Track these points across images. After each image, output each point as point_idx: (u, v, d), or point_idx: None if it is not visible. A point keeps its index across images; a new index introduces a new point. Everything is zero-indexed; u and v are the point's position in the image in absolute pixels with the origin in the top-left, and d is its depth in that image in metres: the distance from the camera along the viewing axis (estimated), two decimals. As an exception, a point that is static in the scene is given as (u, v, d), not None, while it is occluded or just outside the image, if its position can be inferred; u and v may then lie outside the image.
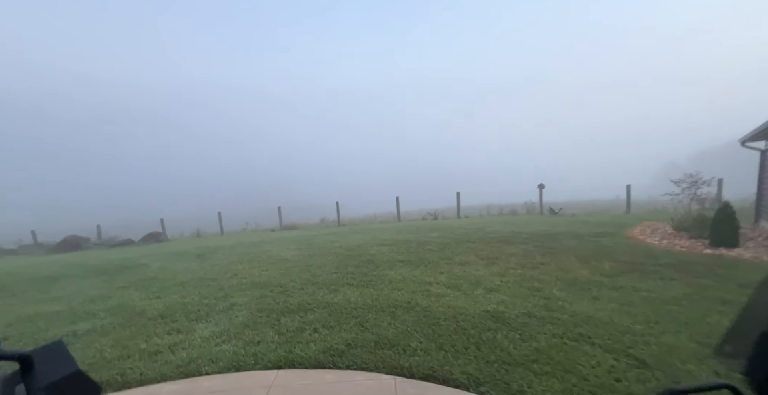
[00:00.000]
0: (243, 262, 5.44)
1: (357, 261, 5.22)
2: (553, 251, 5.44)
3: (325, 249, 6.43)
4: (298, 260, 5.38)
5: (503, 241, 6.62)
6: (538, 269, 4.37)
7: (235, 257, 6.01)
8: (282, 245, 7.37)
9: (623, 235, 7.01)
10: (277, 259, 5.56)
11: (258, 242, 8.36)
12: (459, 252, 5.68)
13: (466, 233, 7.96)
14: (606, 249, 5.44)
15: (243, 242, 8.54)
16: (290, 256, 5.79)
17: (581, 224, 8.92)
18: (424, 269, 4.65)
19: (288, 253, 6.13)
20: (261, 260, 5.54)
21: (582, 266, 4.41)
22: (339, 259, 5.42)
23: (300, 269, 4.80)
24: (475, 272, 4.34)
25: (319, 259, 5.48)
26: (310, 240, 8.07)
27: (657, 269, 4.05)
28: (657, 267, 4.16)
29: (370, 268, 4.76)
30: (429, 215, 15.09)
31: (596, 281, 3.69)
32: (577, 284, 3.63)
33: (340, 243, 7.22)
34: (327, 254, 5.94)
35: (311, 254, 5.95)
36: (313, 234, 9.63)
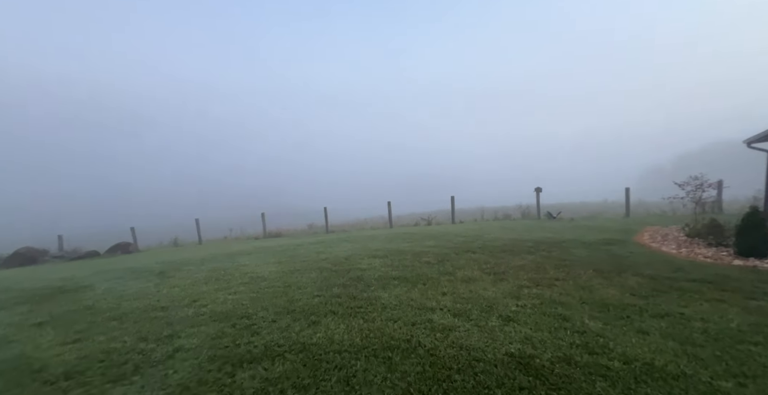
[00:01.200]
0: (209, 282, 4.62)
1: (344, 279, 4.49)
2: (565, 263, 4.85)
3: (308, 263, 5.66)
4: (276, 279, 4.60)
5: (507, 251, 6.01)
6: (555, 287, 3.75)
7: (202, 274, 5.17)
8: (261, 257, 6.55)
9: (633, 242, 6.52)
10: (251, 277, 4.76)
11: (235, 253, 7.50)
12: (460, 265, 5.03)
13: (464, 241, 7.33)
14: (623, 260, 4.89)
15: (218, 254, 7.66)
16: (267, 273, 5.00)
17: (584, 230, 8.44)
18: (423, 288, 3.96)
19: (265, 269, 5.33)
20: (231, 279, 4.73)
21: (605, 282, 3.82)
22: (324, 276, 4.68)
23: (276, 291, 4.03)
24: (483, 292, 3.68)
25: (301, 276, 4.72)
26: (294, 251, 7.27)
27: (694, 287, 3.48)
28: (692, 284, 3.60)
29: (360, 288, 4.04)
30: (422, 220, 14.46)
31: (631, 304, 3.07)
32: (609, 308, 3.00)
33: (326, 255, 6.46)
34: (310, 269, 5.18)
35: (292, 269, 5.17)
36: (298, 243, 8.82)
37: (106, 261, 8.92)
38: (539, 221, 11.25)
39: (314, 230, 16.04)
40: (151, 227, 27.05)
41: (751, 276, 3.84)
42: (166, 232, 17.04)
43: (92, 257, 10.45)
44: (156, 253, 10.39)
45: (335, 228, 16.06)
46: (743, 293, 3.25)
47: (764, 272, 4.02)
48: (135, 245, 12.12)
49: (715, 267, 4.28)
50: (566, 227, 9.45)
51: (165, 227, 20.58)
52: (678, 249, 5.42)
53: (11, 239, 15.91)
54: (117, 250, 10.95)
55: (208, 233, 19.74)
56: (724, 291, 3.31)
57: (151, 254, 10.30)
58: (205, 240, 16.16)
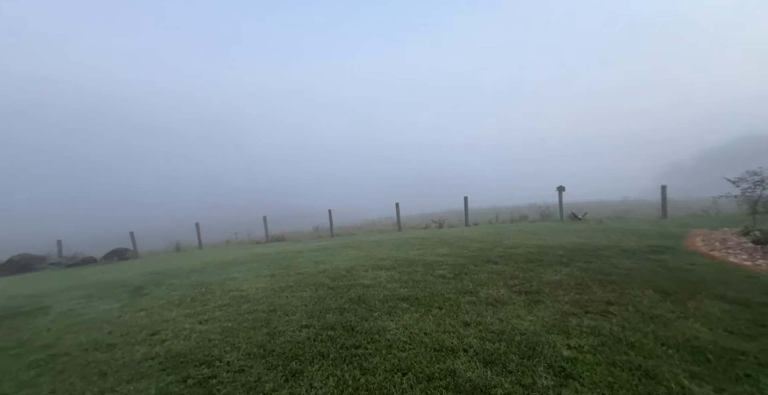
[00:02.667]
0: (184, 303, 3.92)
1: (343, 300, 3.72)
2: (611, 279, 3.95)
3: (304, 277, 4.92)
4: (261, 299, 3.87)
5: (534, 261, 5.13)
6: (611, 315, 2.88)
7: (180, 292, 4.49)
8: (253, 269, 5.86)
9: (686, 250, 5.53)
10: (233, 297, 4.05)
11: (228, 263, 6.84)
12: (482, 281, 4.19)
13: (482, 248, 6.46)
14: (687, 275, 3.95)
15: (210, 263, 7.03)
16: (254, 290, 4.28)
17: (619, 234, 7.44)
18: (440, 314, 3.16)
19: (253, 284, 4.62)
20: (210, 299, 4.02)
21: (677, 310, 2.92)
22: (319, 296, 3.92)
23: (257, 318, 3.29)
24: (517, 323, 2.85)
25: (292, 296, 3.97)
26: (291, 260, 6.56)
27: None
28: (806, 315, 2.68)
29: (360, 314, 3.26)
30: (433, 222, 13.59)
31: (737, 350, 2.19)
32: (708, 357, 2.13)
33: (326, 265, 5.71)
34: (305, 285, 4.43)
35: (284, 285, 4.44)
36: (298, 250, 8.12)
37: (95, 271, 8.43)
38: (563, 224, 10.24)
39: (319, 234, 15.38)
40: (157, 230, 27.07)
41: None
42: (172, 235, 16.71)
43: (88, 263, 10.03)
44: (150, 261, 9.89)
45: (341, 231, 15.37)
46: None
47: None
48: (134, 251, 11.71)
49: (820, 288, 3.31)
50: (595, 230, 8.44)
51: (171, 230, 20.38)
52: (752, 260, 4.43)
53: (12, 245, 15.88)
54: (113, 256, 10.52)
55: (214, 236, 19.40)
56: None
57: (145, 261, 9.81)
58: (207, 244, 15.74)
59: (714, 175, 9.94)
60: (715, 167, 52.28)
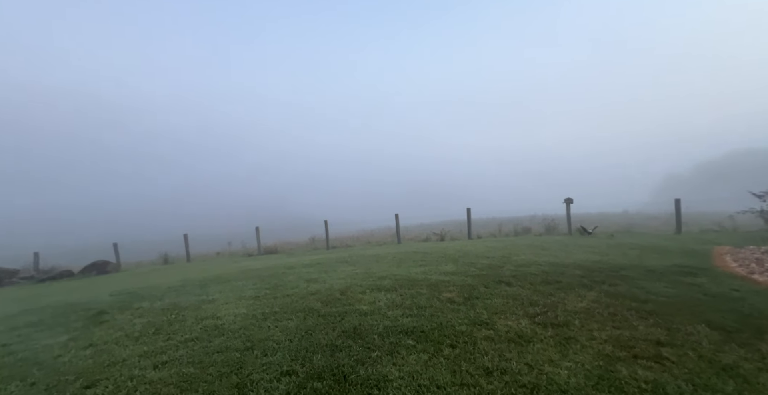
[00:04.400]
0: (143, 336, 3.29)
1: (335, 333, 3.12)
2: (648, 309, 3.39)
3: (292, 300, 4.31)
4: (238, 331, 3.25)
5: (552, 282, 4.56)
6: (669, 363, 2.31)
7: (145, 319, 3.85)
8: (237, 288, 5.23)
9: (716, 270, 5.00)
10: (205, 327, 3.43)
11: (211, 280, 6.20)
12: (497, 308, 3.61)
13: (491, 265, 5.89)
14: (737, 306, 3.40)
15: (192, 280, 6.38)
16: (232, 318, 3.66)
17: (636, 251, 6.91)
18: (453, 356, 2.57)
19: (233, 309, 3.99)
20: (178, 330, 3.40)
21: (751, 357, 2.36)
22: (307, 326, 3.31)
23: (228, 360, 2.68)
24: (552, 371, 2.27)
25: (276, 326, 3.36)
26: (281, 278, 5.93)
27: None
28: None
29: (356, 354, 2.66)
30: (434, 234, 13.00)
31: None
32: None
33: (318, 285, 5.10)
34: (292, 311, 3.82)
35: (267, 312, 3.82)
36: (291, 265, 7.49)
37: (65, 287, 7.71)
38: (572, 238, 9.70)
39: (315, 245, 14.71)
40: (150, 239, 26.18)
41: None
42: (165, 245, 15.96)
43: (64, 277, 9.30)
44: (130, 276, 9.18)
45: (337, 243, 14.71)
46: None
47: None
48: (116, 264, 10.98)
49: None
50: (609, 245, 7.91)
51: (165, 239, 19.62)
52: (804, 286, 3.88)
53: None
54: (92, 270, 9.80)
55: (207, 246, 18.64)
56: None
57: (124, 276, 9.10)
58: (197, 256, 15.02)
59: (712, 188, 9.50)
60: (711, 180, 52.61)
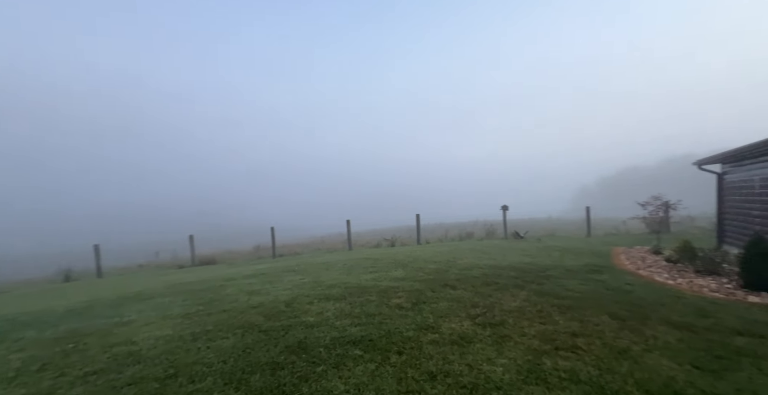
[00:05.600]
0: (23, 375, 2.63)
1: (278, 349, 2.91)
2: (567, 304, 3.88)
3: (230, 316, 3.91)
4: (160, 357, 2.82)
5: (491, 284, 4.96)
6: (582, 352, 2.66)
7: (28, 353, 3.09)
8: (161, 306, 4.57)
9: (618, 268, 5.98)
10: (115, 356, 2.90)
11: (128, 298, 5.31)
12: (442, 311, 3.78)
13: (437, 270, 6.17)
14: (630, 298, 4.09)
15: (100, 300, 5.39)
16: (152, 342, 3.17)
17: (558, 253, 7.91)
18: (400, 363, 2.59)
19: (155, 331, 3.46)
20: (75, 363, 2.81)
21: (639, 340, 2.85)
22: (246, 344, 3.03)
23: (142, 394, 2.29)
24: (489, 370, 2.44)
25: (208, 347, 3.00)
26: (218, 291, 5.37)
27: (754, 348, 2.65)
28: (744, 340, 2.80)
29: (300, 370, 2.51)
30: (385, 240, 13.16)
31: (713, 394, 2.06)
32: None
33: (261, 297, 4.74)
34: (229, 328, 3.47)
35: (198, 331, 3.40)
36: (230, 276, 6.83)
37: None
38: (508, 242, 10.72)
39: (260, 254, 13.70)
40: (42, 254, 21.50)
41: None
42: (65, 259, 13.15)
43: None
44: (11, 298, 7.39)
45: (285, 250, 13.94)
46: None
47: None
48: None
49: (738, 307, 3.65)
50: (538, 248, 8.92)
51: (62, 254, 16.23)
52: (674, 279, 4.87)
53: None
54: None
55: (127, 259, 15.95)
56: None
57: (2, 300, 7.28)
58: (113, 270, 12.77)
59: (611, 198, 11.70)
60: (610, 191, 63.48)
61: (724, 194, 7.51)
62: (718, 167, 7.64)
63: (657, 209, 7.94)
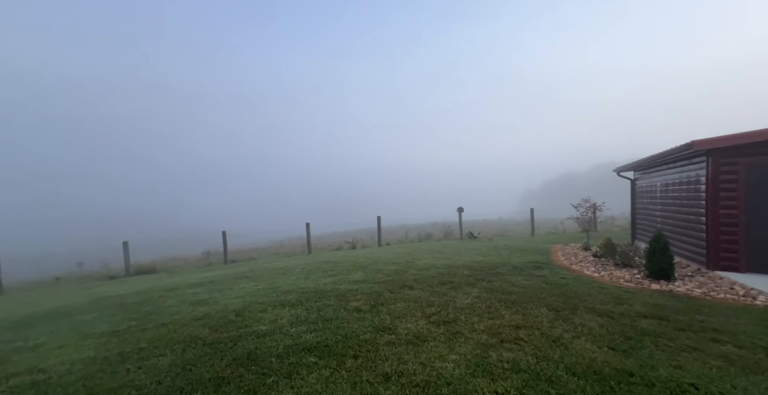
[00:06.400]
0: None
1: (224, 362, 2.70)
2: (513, 299, 4.22)
3: (170, 330, 3.54)
4: (73, 385, 2.45)
5: (446, 283, 5.18)
6: (524, 343, 2.91)
7: None
8: (81, 324, 3.96)
9: (556, 264, 6.64)
10: (13, 389, 2.44)
11: (38, 317, 4.53)
12: (399, 312, 3.85)
13: (396, 271, 6.28)
14: (564, 290, 4.58)
15: (4, 319, 4.51)
16: (67, 367, 2.73)
17: (507, 252, 8.56)
18: (355, 367, 2.58)
19: (71, 356, 2.99)
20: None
21: (569, 328, 3.20)
22: (186, 360, 2.77)
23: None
24: (441, 366, 2.54)
25: (139, 367, 2.68)
26: (156, 304, 4.83)
27: (656, 329, 3.14)
28: (649, 323, 3.29)
29: (247, 384, 2.37)
30: (346, 243, 13.02)
31: (623, 370, 2.39)
32: (608, 382, 2.24)
33: (207, 307, 4.38)
34: (168, 343, 3.14)
35: (128, 350, 3.02)
36: (173, 286, 6.20)
37: None
38: (463, 242, 11.31)
39: (210, 260, 12.64)
40: None
41: (680, 305, 3.85)
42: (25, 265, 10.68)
43: None
44: None
45: (240, 255, 13.05)
46: (705, 332, 3.02)
47: (683, 298, 4.16)
48: None
49: (644, 294, 4.28)
50: (489, 247, 9.55)
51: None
52: (598, 272, 5.56)
53: None
54: None
55: (40, 271, 13.51)
56: (683, 331, 3.04)
57: None
58: (20, 284, 10.79)
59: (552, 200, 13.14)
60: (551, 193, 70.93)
61: (636, 196, 8.81)
62: (631, 174, 8.95)
63: (587, 210, 8.99)
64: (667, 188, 6.96)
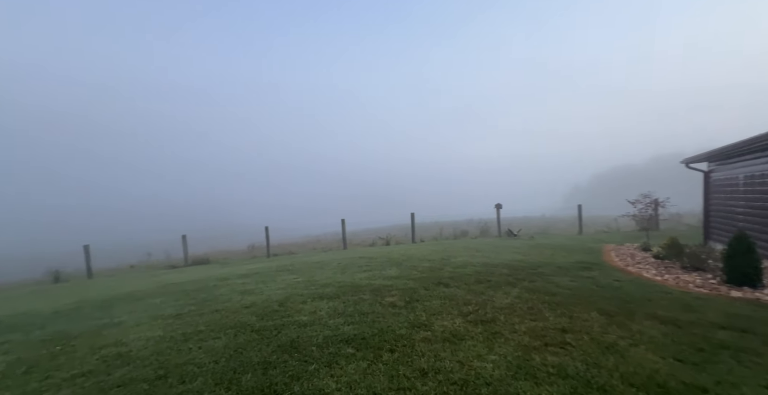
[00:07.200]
0: (5, 381, 2.60)
1: (270, 348, 2.91)
2: (557, 301, 3.95)
3: (223, 315, 3.90)
4: (150, 358, 2.80)
5: (484, 281, 5.00)
6: (570, 347, 2.71)
7: (14, 355, 3.05)
8: (153, 307, 4.52)
9: (607, 265, 6.08)
10: (104, 358, 2.87)
11: (118, 299, 5.25)
12: (436, 309, 3.81)
13: (431, 268, 6.21)
14: (618, 294, 4.18)
15: (88, 301, 5.31)
16: (142, 343, 3.14)
17: (550, 250, 8.02)
18: (392, 361, 2.61)
19: (145, 332, 3.43)
20: (62, 366, 2.77)
21: (625, 335, 2.92)
22: (238, 344, 3.02)
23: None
24: (480, 366, 2.47)
25: (199, 347, 2.99)
26: (210, 291, 5.33)
27: (736, 341, 2.74)
28: (726, 334, 2.88)
29: (291, 369, 2.52)
30: (380, 239, 13.18)
31: (694, 384, 2.12)
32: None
33: (254, 297, 4.72)
34: (221, 328, 3.46)
35: (190, 332, 3.38)
36: (224, 276, 6.79)
37: None
38: (501, 240, 10.83)
39: (254, 254, 13.63)
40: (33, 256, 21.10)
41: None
42: (56, 260, 12.88)
43: None
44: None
45: (280, 250, 13.88)
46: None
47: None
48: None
49: (721, 302, 3.75)
50: (530, 246, 9.03)
51: (54, 255, 15.92)
52: (661, 275, 4.98)
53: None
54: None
55: (118, 259, 15.72)
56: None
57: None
58: (104, 271, 12.57)
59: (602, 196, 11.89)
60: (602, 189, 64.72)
61: (710, 191, 7.68)
62: (704, 166, 7.80)
63: (646, 207, 8.06)
64: (752, 181, 5.97)
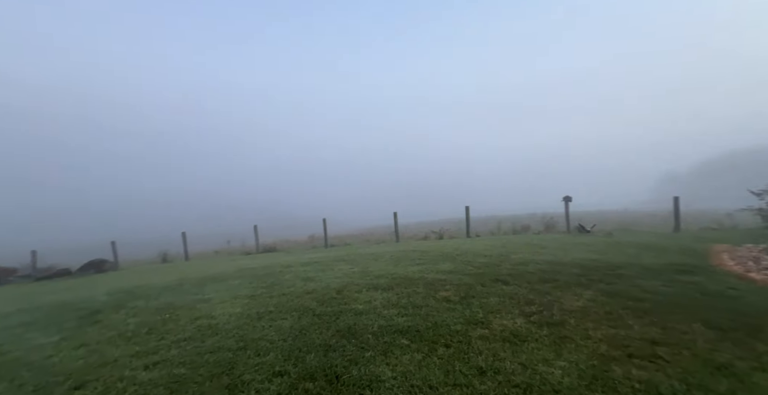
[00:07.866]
0: (136, 336, 3.27)
1: (330, 332, 3.10)
2: (644, 307, 3.37)
3: (288, 298, 4.30)
4: (232, 331, 3.24)
5: (549, 280, 4.55)
6: (665, 363, 2.29)
7: (139, 318, 3.83)
8: (232, 287, 5.22)
9: (714, 268, 4.98)
10: (199, 327, 3.41)
11: (207, 279, 6.19)
12: (493, 307, 3.60)
13: (488, 263, 5.87)
14: (734, 304, 3.39)
15: (187, 279, 6.36)
16: (226, 318, 3.65)
17: (633, 249, 6.89)
18: (447, 356, 2.56)
19: (228, 309, 3.98)
20: (171, 331, 3.38)
21: (743, 355, 2.35)
22: (302, 325, 3.30)
23: (220, 361, 2.67)
24: (547, 371, 2.25)
25: (270, 325, 3.35)
26: (278, 277, 5.92)
27: None
28: None
29: (349, 354, 2.65)
30: (432, 232, 12.98)
31: None
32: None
33: (315, 284, 5.09)
34: (287, 310, 3.81)
35: (262, 311, 3.81)
36: (288, 263, 7.47)
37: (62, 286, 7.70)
38: (570, 236, 9.69)
39: (314, 243, 14.72)
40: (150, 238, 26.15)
41: None
42: (165, 244, 15.96)
43: (61, 276, 9.28)
44: (127, 274, 9.17)
45: (336, 241, 14.72)
46: None
47: None
48: (114, 263, 10.95)
49: None
50: (607, 244, 7.89)
51: (161, 240, 19.65)
52: (801, 285, 3.87)
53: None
54: (89, 269, 9.77)
55: (205, 245, 18.69)
56: None
57: (121, 275, 9.09)
58: (195, 254, 15.00)
59: (708, 186, 9.47)
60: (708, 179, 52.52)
61: None
62: None
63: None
64: None
